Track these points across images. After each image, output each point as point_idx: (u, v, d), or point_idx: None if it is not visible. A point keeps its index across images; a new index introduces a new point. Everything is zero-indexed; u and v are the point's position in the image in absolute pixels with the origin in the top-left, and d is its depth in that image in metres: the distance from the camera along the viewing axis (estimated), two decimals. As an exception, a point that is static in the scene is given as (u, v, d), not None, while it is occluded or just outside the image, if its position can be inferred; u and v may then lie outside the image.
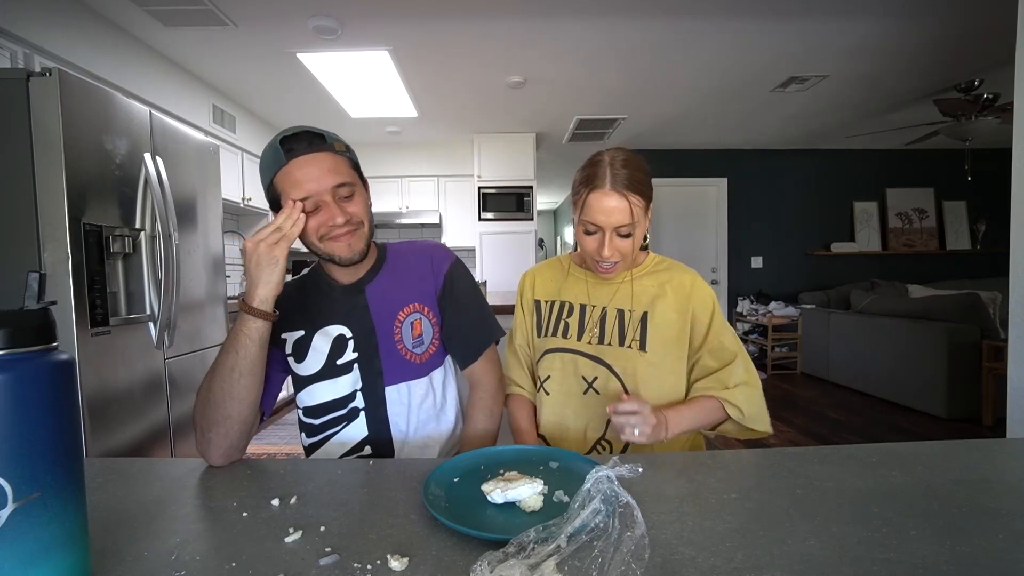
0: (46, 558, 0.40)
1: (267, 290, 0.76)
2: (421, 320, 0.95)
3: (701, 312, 0.99)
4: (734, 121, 4.41)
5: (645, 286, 1.02)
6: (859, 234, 5.42)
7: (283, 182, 0.82)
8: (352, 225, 0.85)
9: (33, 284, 0.43)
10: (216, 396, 0.76)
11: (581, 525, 0.50)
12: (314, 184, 0.81)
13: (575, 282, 1.07)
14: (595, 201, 0.91)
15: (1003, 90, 3.45)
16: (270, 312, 0.77)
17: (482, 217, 4.82)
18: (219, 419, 0.75)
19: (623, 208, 0.90)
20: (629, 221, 0.91)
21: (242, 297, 0.78)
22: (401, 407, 0.93)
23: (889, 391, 3.69)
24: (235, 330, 0.77)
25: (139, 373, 1.90)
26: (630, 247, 0.94)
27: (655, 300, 1.00)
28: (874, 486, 0.63)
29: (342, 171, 0.85)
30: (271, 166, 0.83)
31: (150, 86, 2.77)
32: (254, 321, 0.76)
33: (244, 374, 0.76)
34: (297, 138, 0.83)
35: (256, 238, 0.76)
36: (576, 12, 2.55)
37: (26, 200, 1.58)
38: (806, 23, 2.70)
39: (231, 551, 0.51)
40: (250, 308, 0.75)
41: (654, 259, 1.07)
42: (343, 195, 0.84)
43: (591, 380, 0.99)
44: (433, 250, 1.01)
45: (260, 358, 0.78)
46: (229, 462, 0.77)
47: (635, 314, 1.00)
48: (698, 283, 1.01)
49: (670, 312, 0.99)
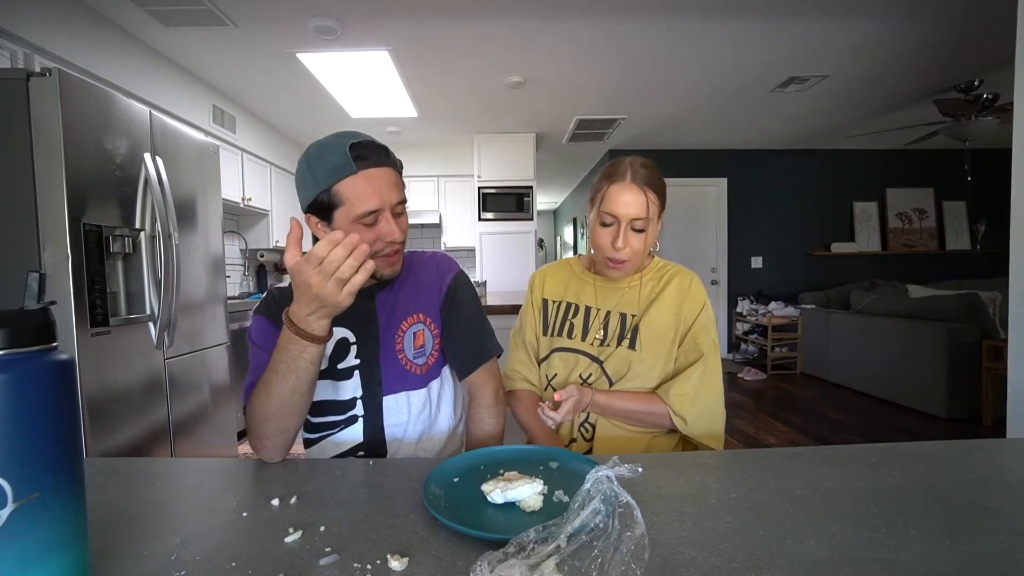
0: (46, 558, 0.40)
1: (329, 319, 0.72)
2: (424, 331, 0.95)
3: (689, 312, 1.03)
4: (734, 121, 4.41)
5: (646, 290, 1.07)
6: (859, 234, 5.42)
7: (350, 191, 0.79)
8: (402, 244, 0.87)
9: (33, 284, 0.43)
10: (278, 414, 0.76)
11: (581, 525, 0.50)
12: (383, 199, 0.81)
13: (583, 285, 1.11)
14: (615, 193, 0.97)
15: (1003, 90, 3.45)
16: (330, 333, 0.74)
17: (482, 217, 4.82)
18: (278, 432, 0.77)
19: (640, 202, 0.96)
20: (644, 215, 0.96)
21: (288, 315, 0.72)
22: (399, 416, 0.93)
23: (889, 391, 3.69)
24: (291, 353, 0.72)
25: (139, 373, 1.90)
26: (642, 245, 0.99)
27: (652, 302, 1.04)
28: (874, 486, 0.63)
29: (401, 188, 0.86)
30: (336, 171, 0.79)
31: (150, 86, 2.77)
32: (316, 347, 0.73)
33: (305, 392, 0.77)
34: (364, 147, 0.81)
35: (324, 270, 0.66)
36: (576, 12, 2.55)
37: (26, 200, 1.58)
38: (806, 23, 2.70)
39: (231, 551, 0.51)
40: (313, 337, 0.71)
41: (658, 262, 1.11)
42: (398, 212, 0.85)
43: (587, 377, 1.05)
44: (439, 261, 1.02)
45: (317, 374, 0.78)
46: (284, 457, 0.79)
47: (636, 318, 1.04)
48: (695, 285, 1.05)
49: (665, 312, 1.03)
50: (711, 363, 1.00)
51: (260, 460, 0.78)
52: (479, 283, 3.52)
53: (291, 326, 0.71)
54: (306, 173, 0.82)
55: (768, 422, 3.38)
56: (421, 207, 5.14)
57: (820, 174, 5.42)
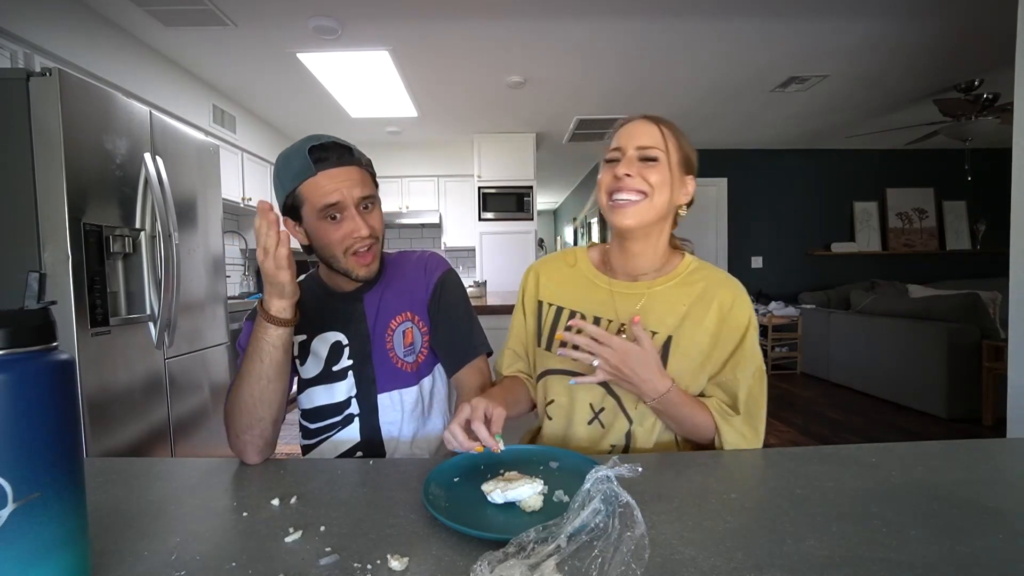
0: (46, 558, 0.40)
1: (283, 299, 0.75)
2: (412, 329, 0.96)
3: (729, 338, 0.83)
4: (734, 121, 4.41)
5: (675, 300, 0.84)
6: (859, 234, 5.42)
7: (310, 192, 0.82)
8: (373, 239, 0.87)
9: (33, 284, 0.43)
10: (247, 402, 0.76)
11: (581, 525, 0.50)
12: (343, 194, 0.82)
13: (591, 288, 0.90)
14: (622, 129, 0.84)
15: (1003, 90, 3.45)
16: (291, 318, 0.76)
17: (482, 217, 4.82)
18: (252, 423, 0.76)
19: (651, 132, 0.81)
20: (654, 144, 0.80)
21: (260, 301, 0.77)
22: (394, 414, 0.94)
23: (889, 391, 3.69)
24: (257, 336, 0.75)
25: (139, 373, 1.90)
26: (658, 179, 0.80)
27: (684, 321, 0.83)
28: (874, 486, 0.63)
29: (367, 184, 0.87)
30: (297, 175, 0.82)
31: (150, 86, 2.77)
32: (275, 328, 0.75)
33: (272, 379, 0.77)
34: (326, 148, 0.83)
35: (263, 246, 0.71)
36: (576, 12, 2.54)
37: (26, 200, 1.58)
38: (806, 23, 2.70)
39: (231, 551, 0.51)
40: (270, 316, 0.75)
41: (689, 263, 0.88)
42: (365, 207, 0.86)
43: (598, 411, 0.84)
44: (428, 259, 1.02)
45: (285, 362, 0.78)
46: (264, 459, 0.78)
47: (658, 337, 0.83)
48: (738, 302, 0.84)
49: (701, 336, 0.83)
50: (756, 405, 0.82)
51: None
52: (479, 283, 3.51)
53: (259, 309, 0.76)
54: (275, 181, 0.87)
55: (768, 422, 3.35)
56: (421, 207, 5.13)
57: (820, 174, 5.42)
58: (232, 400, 0.78)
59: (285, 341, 0.76)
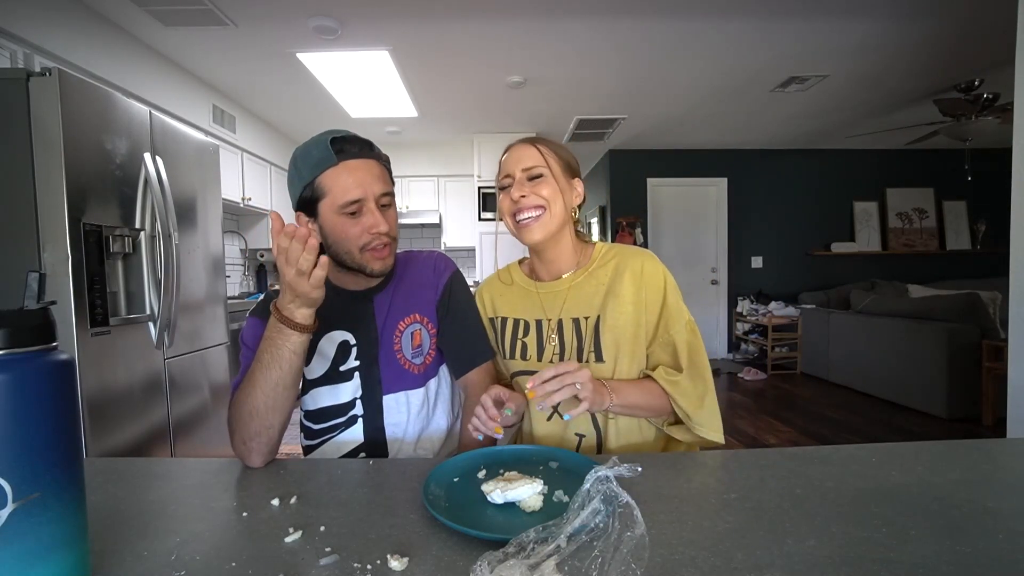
0: (46, 558, 0.40)
1: (310, 308, 0.73)
2: (421, 330, 0.95)
3: (652, 300, 0.90)
4: (734, 121, 4.41)
5: (596, 284, 0.93)
6: (859, 234, 5.42)
7: (331, 182, 0.81)
8: (390, 237, 0.86)
9: (33, 284, 0.43)
10: (259, 409, 0.74)
11: (581, 525, 0.50)
12: (365, 189, 0.82)
13: (526, 296, 0.99)
14: (506, 156, 0.93)
15: (1003, 90, 3.45)
16: (312, 324, 0.75)
17: (482, 217, 4.81)
18: (261, 430, 0.75)
19: (531, 153, 0.91)
20: (536, 163, 0.90)
21: (275, 304, 0.74)
22: (399, 416, 0.93)
23: (889, 391, 3.69)
24: (277, 344, 0.73)
25: (139, 373, 1.90)
26: (549, 193, 0.89)
27: (606, 298, 0.91)
28: (874, 486, 0.63)
29: (387, 181, 0.86)
30: (318, 164, 0.81)
31: (150, 86, 2.77)
32: (299, 335, 0.73)
33: (289, 386, 0.76)
34: (347, 140, 0.83)
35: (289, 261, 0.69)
36: (576, 12, 2.55)
37: (26, 200, 1.58)
38: (806, 23, 2.70)
39: (231, 551, 0.51)
40: (295, 324, 0.72)
41: (601, 249, 0.97)
42: (384, 204, 0.85)
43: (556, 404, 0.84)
44: (436, 260, 1.02)
45: (302, 367, 0.78)
46: (266, 463, 0.77)
47: (590, 320, 0.91)
48: (648, 266, 0.91)
49: (624, 307, 0.89)
50: (696, 354, 0.87)
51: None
52: (479, 283, 3.51)
53: (276, 314, 0.73)
54: (293, 172, 0.85)
55: (768, 422, 3.38)
56: (421, 207, 5.13)
57: (820, 174, 5.42)
58: (241, 406, 0.76)
59: (305, 347, 0.76)
